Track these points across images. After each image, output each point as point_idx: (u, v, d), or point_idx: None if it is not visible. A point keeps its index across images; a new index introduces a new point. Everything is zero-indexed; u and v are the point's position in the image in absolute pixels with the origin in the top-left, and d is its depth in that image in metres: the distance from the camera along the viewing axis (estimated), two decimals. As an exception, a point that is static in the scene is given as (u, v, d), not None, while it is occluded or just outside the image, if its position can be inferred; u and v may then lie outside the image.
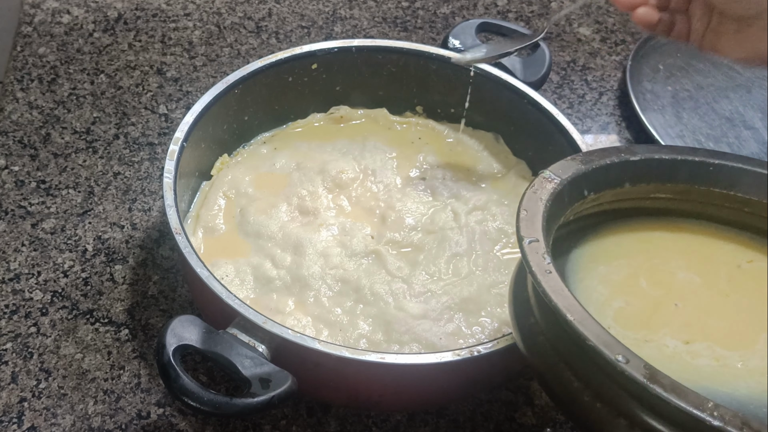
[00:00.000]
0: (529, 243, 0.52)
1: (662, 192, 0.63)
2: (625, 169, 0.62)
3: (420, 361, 0.60)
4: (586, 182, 0.60)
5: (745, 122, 1.00)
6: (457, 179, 0.82)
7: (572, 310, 0.48)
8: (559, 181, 0.58)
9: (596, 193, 0.61)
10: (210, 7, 1.08)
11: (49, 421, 0.68)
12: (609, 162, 0.61)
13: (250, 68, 0.79)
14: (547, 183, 0.58)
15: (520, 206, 0.55)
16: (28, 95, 0.94)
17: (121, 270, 0.79)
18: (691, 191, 0.63)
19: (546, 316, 0.53)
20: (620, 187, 0.62)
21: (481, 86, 0.84)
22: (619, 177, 0.62)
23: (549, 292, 0.49)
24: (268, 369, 0.57)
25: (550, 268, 0.51)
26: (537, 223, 0.54)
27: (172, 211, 0.66)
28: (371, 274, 0.72)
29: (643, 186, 0.62)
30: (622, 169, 0.62)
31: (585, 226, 0.63)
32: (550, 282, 0.50)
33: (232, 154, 0.83)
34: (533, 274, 0.50)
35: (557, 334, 0.52)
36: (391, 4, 1.12)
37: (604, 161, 0.61)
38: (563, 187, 0.58)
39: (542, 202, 0.56)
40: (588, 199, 0.61)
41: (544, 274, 0.50)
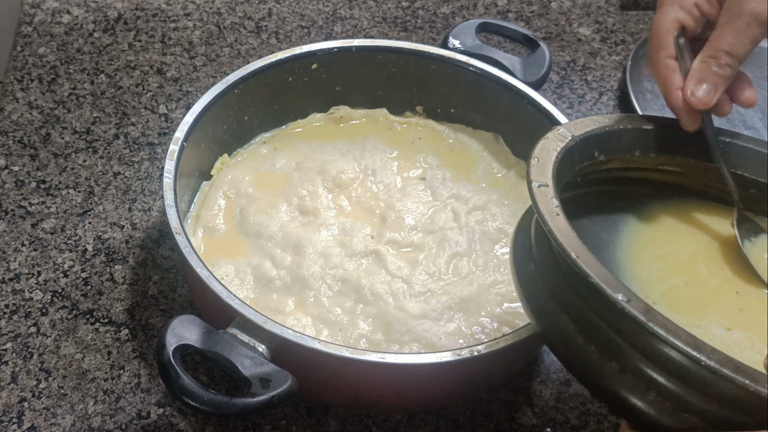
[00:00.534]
0: (538, 187, 0.53)
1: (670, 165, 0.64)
2: (637, 137, 0.62)
3: (420, 361, 0.60)
4: (598, 143, 0.61)
5: (745, 122, 1.00)
6: (457, 179, 0.82)
7: (576, 249, 0.48)
8: (572, 137, 0.59)
9: (606, 156, 0.62)
10: (210, 7, 1.08)
11: (49, 421, 0.68)
12: (622, 127, 0.62)
13: (250, 68, 0.79)
14: (560, 137, 0.58)
15: (532, 154, 0.56)
16: (28, 95, 0.94)
17: (121, 270, 0.79)
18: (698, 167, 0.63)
19: (546, 260, 0.53)
20: (630, 154, 0.63)
21: (481, 86, 0.84)
22: (630, 143, 0.62)
23: (555, 231, 0.49)
24: (268, 369, 0.57)
25: (557, 210, 0.51)
26: (548, 171, 0.54)
27: (172, 211, 0.66)
28: (371, 274, 0.72)
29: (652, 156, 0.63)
30: (635, 135, 0.62)
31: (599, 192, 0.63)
32: (556, 223, 0.50)
33: (232, 154, 0.83)
34: (540, 215, 0.51)
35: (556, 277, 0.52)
36: (391, 4, 1.12)
37: (618, 126, 0.61)
38: (575, 143, 0.59)
39: (554, 152, 0.56)
40: (597, 162, 0.61)
41: (551, 216, 0.50)
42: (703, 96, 0.60)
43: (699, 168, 0.64)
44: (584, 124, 0.60)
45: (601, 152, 0.61)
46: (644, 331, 0.44)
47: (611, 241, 0.60)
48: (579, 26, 1.13)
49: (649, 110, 1.00)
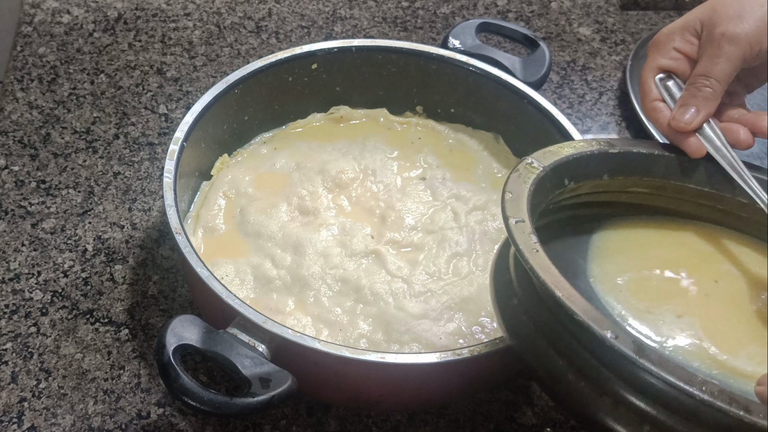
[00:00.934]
0: (515, 223, 0.53)
1: (639, 186, 0.64)
2: (605, 161, 0.63)
3: (420, 361, 0.60)
4: (567, 171, 0.61)
5: (745, 122, 1.00)
6: (457, 179, 0.82)
7: (560, 286, 0.48)
8: (542, 168, 0.59)
9: (576, 182, 0.62)
10: (210, 7, 1.08)
11: (49, 421, 0.68)
12: (589, 152, 0.62)
13: (250, 68, 0.79)
14: (530, 168, 0.59)
15: (505, 188, 0.56)
16: (28, 95, 0.94)
17: (121, 270, 0.79)
18: (666, 187, 0.64)
19: (529, 295, 0.53)
20: (599, 179, 0.63)
21: (481, 86, 0.84)
22: (598, 168, 0.63)
23: (536, 268, 0.49)
24: (268, 369, 0.57)
25: (536, 246, 0.51)
26: (522, 205, 0.55)
27: (172, 210, 0.66)
28: (371, 273, 0.72)
29: (620, 179, 0.64)
30: (602, 160, 0.62)
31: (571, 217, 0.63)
32: (537, 259, 0.50)
33: (232, 154, 0.83)
34: (520, 252, 0.51)
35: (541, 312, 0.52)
36: (391, 3, 1.12)
37: (585, 151, 0.62)
38: (546, 174, 0.59)
39: (526, 186, 0.57)
40: (568, 188, 0.62)
41: (531, 253, 0.50)
42: (686, 117, 0.63)
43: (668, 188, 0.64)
44: (552, 153, 0.61)
45: (570, 179, 0.62)
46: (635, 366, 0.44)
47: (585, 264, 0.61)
48: (579, 26, 1.13)
49: (649, 110, 1.00)
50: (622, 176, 0.63)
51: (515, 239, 0.52)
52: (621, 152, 0.63)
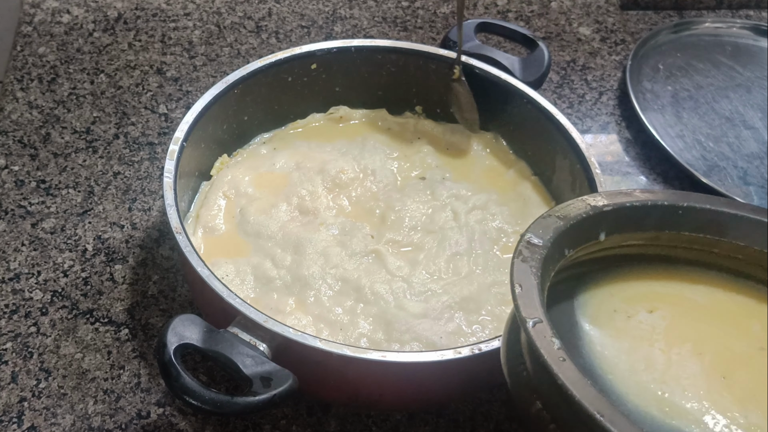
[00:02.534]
0: (533, 325, 0.49)
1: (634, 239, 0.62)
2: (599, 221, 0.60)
3: (421, 360, 0.60)
4: (565, 241, 0.58)
5: (745, 122, 1.00)
6: (456, 179, 0.82)
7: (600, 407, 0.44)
8: (543, 244, 0.55)
9: (574, 249, 0.59)
10: (210, 7, 1.08)
11: (49, 420, 0.68)
12: (584, 215, 0.59)
13: (250, 68, 0.79)
14: (533, 249, 0.55)
15: (513, 280, 0.52)
16: (28, 95, 0.94)
17: (121, 270, 0.79)
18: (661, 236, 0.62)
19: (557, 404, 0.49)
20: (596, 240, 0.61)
21: (480, 86, 0.84)
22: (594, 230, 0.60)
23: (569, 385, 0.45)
24: (270, 368, 0.57)
25: (562, 354, 0.47)
26: (535, 299, 0.51)
27: (172, 210, 0.66)
28: (371, 273, 0.72)
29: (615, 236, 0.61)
30: (596, 221, 0.60)
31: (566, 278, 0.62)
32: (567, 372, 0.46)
33: (232, 154, 0.83)
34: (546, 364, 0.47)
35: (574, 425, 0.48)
36: (391, 3, 1.12)
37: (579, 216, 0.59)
38: (547, 251, 0.55)
39: (533, 273, 0.53)
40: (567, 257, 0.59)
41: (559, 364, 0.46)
42: None
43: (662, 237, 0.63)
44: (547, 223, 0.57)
45: (569, 248, 0.59)
46: None
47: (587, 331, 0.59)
48: (579, 26, 1.13)
49: (648, 110, 1.00)
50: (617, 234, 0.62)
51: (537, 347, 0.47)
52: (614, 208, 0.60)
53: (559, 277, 0.59)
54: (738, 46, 1.12)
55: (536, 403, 0.50)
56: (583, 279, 0.61)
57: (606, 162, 0.95)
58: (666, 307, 0.59)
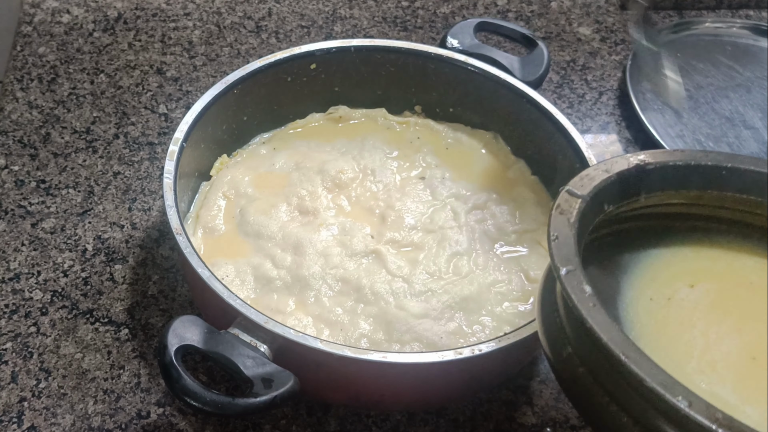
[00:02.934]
0: (566, 273, 0.50)
1: (676, 198, 0.62)
2: (641, 179, 0.60)
3: (422, 360, 0.60)
4: (605, 196, 0.58)
5: (745, 122, 1.00)
6: (456, 178, 0.82)
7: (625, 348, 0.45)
8: (582, 199, 0.56)
9: (615, 205, 0.60)
10: (210, 7, 1.08)
11: (49, 420, 0.68)
12: (626, 172, 0.59)
13: (249, 68, 0.79)
14: (572, 202, 0.56)
15: (550, 229, 0.53)
16: (28, 95, 0.94)
17: (121, 270, 0.79)
18: (703, 196, 0.62)
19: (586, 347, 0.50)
20: (636, 197, 0.61)
21: (480, 85, 0.84)
22: (635, 187, 0.60)
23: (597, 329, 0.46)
24: (270, 369, 0.57)
25: (593, 300, 0.48)
26: (570, 249, 0.52)
27: (172, 211, 0.66)
28: (371, 273, 0.72)
29: (657, 194, 0.62)
30: (638, 178, 0.60)
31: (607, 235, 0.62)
32: (595, 316, 0.47)
33: (232, 154, 0.83)
34: (576, 309, 0.48)
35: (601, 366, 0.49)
36: (391, 3, 1.12)
37: (621, 172, 0.59)
38: (587, 204, 0.56)
39: (570, 224, 0.54)
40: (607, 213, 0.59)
41: (588, 308, 0.47)
42: None
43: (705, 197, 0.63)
44: (589, 177, 0.58)
45: (610, 203, 0.59)
46: None
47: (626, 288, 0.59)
48: (579, 26, 1.13)
49: (648, 110, 1.00)
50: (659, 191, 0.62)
51: (569, 292, 0.49)
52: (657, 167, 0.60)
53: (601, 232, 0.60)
54: (738, 46, 1.12)
55: (567, 348, 0.52)
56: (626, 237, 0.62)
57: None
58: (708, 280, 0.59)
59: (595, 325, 0.47)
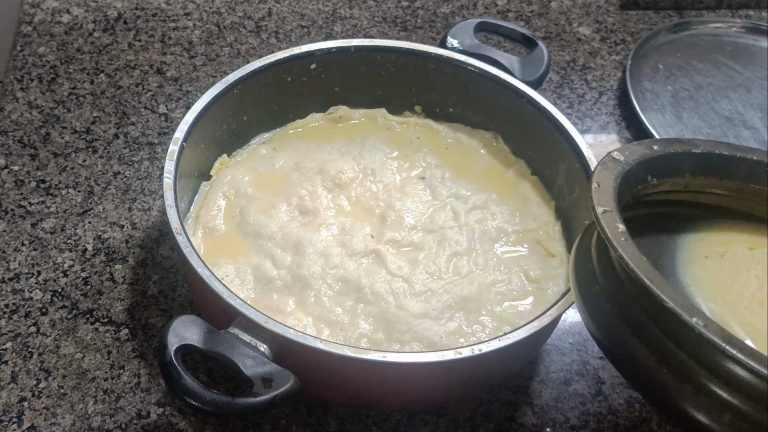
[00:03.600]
0: (603, 212, 0.54)
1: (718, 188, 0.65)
2: (687, 160, 0.63)
3: (422, 360, 0.60)
4: (651, 167, 0.62)
5: (745, 122, 1.00)
6: (456, 178, 0.82)
7: (649, 274, 0.49)
8: (626, 161, 0.60)
9: (659, 179, 0.63)
10: (210, 7, 1.08)
11: (48, 420, 0.68)
12: (672, 151, 0.63)
13: (249, 68, 0.79)
14: (616, 162, 0.59)
15: (592, 179, 0.57)
16: (28, 95, 0.94)
17: (120, 270, 0.79)
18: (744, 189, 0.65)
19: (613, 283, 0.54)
20: (681, 177, 0.64)
21: (480, 85, 0.84)
22: (680, 167, 0.63)
23: (625, 256, 0.50)
24: (270, 368, 0.57)
25: (625, 235, 0.52)
26: (609, 195, 0.56)
27: (172, 211, 0.66)
28: (371, 273, 0.72)
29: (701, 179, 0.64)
30: (684, 159, 0.63)
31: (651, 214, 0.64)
32: (626, 248, 0.51)
33: (231, 154, 0.83)
34: (609, 240, 0.52)
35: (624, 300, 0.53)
36: (391, 3, 1.12)
37: (668, 149, 0.63)
38: (630, 168, 0.60)
39: (613, 178, 0.58)
40: (650, 185, 0.63)
41: (620, 241, 0.51)
42: None
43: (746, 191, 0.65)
44: (634, 149, 0.62)
45: (653, 176, 0.63)
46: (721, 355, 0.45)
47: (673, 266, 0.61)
48: (579, 26, 1.13)
49: (648, 110, 1.00)
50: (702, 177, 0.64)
51: (603, 228, 0.53)
52: (704, 152, 0.64)
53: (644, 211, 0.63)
54: (738, 46, 1.12)
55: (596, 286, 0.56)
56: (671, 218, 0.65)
57: (606, 162, 0.95)
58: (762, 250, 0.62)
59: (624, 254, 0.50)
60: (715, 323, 0.46)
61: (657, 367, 0.50)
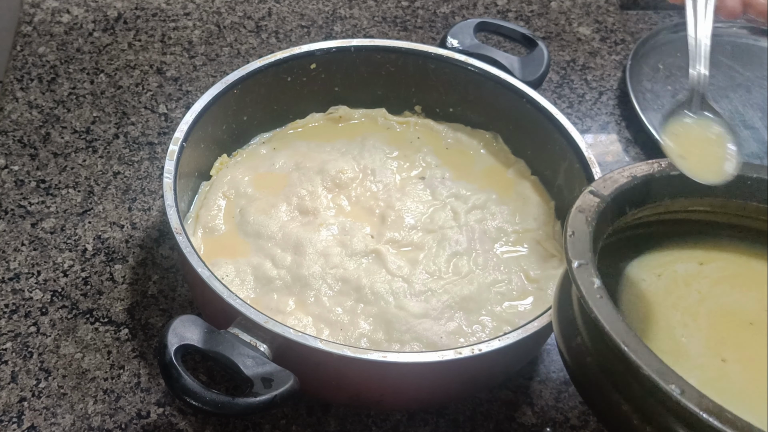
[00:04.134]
0: (578, 266, 0.52)
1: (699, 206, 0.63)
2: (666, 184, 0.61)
3: (422, 360, 0.60)
4: (628, 198, 0.60)
5: (745, 122, 1.00)
6: (456, 178, 0.82)
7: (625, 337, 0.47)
8: (601, 198, 0.57)
9: (637, 208, 0.61)
10: (210, 7, 1.08)
11: (48, 420, 0.68)
12: (650, 177, 0.60)
13: (249, 68, 0.79)
14: (591, 201, 0.57)
15: (567, 225, 0.55)
16: (28, 95, 0.94)
17: (120, 269, 0.79)
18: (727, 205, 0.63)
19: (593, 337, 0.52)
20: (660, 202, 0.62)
21: (479, 85, 0.84)
22: (659, 192, 0.61)
23: (601, 318, 0.48)
24: (270, 368, 0.57)
25: (600, 292, 0.50)
26: (585, 245, 0.53)
27: (172, 211, 0.66)
28: (371, 273, 0.72)
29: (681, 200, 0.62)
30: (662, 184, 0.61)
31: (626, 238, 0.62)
32: (601, 307, 0.49)
33: (231, 154, 0.83)
34: (584, 300, 0.50)
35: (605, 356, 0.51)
36: (391, 3, 1.12)
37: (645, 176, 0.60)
38: (607, 205, 0.57)
39: (588, 223, 0.55)
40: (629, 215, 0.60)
41: (595, 300, 0.50)
42: None
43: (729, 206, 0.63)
44: (613, 180, 0.59)
45: (631, 206, 0.60)
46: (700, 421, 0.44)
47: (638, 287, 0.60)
48: (579, 26, 1.13)
49: (649, 110, 1.00)
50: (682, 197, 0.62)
51: (578, 284, 0.51)
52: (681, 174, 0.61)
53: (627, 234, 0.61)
54: (738, 46, 1.12)
55: (577, 338, 0.54)
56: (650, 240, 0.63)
57: (606, 162, 0.96)
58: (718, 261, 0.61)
59: (600, 315, 0.49)
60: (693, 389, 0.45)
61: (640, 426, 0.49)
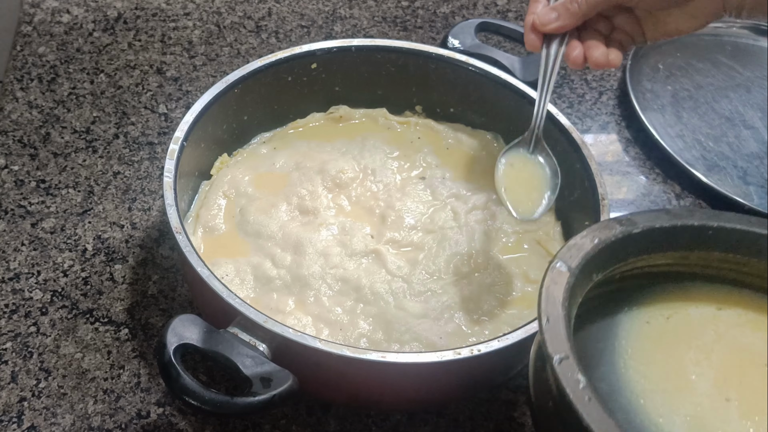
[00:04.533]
0: (559, 362, 0.49)
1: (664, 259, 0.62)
2: (629, 244, 0.60)
3: (421, 360, 0.60)
4: (593, 265, 0.58)
5: (744, 122, 1.00)
6: (456, 178, 0.82)
7: None
8: (571, 272, 0.55)
9: (603, 273, 0.59)
10: (210, 7, 1.08)
11: (48, 420, 0.68)
12: (613, 239, 0.58)
13: (250, 68, 0.79)
14: (560, 277, 0.55)
15: (540, 310, 0.52)
16: (28, 95, 0.94)
17: (120, 269, 0.79)
18: (689, 256, 0.62)
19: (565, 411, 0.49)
20: (624, 262, 0.61)
21: (480, 85, 0.84)
22: (623, 252, 0.60)
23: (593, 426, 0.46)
24: (269, 368, 0.57)
25: (588, 393, 0.47)
26: (562, 332, 0.51)
27: (172, 210, 0.66)
28: (371, 273, 0.72)
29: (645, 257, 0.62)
30: (625, 243, 0.59)
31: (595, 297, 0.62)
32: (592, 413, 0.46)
33: (232, 154, 0.83)
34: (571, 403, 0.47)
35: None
36: (391, 3, 1.12)
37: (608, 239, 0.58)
38: (575, 279, 0.55)
39: (560, 303, 0.53)
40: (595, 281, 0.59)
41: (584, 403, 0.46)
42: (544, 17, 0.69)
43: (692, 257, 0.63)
44: (577, 247, 0.57)
45: (598, 272, 0.59)
46: None
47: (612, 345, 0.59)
48: (578, 26, 1.13)
49: (648, 110, 1.00)
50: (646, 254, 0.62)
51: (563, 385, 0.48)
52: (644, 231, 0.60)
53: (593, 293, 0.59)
54: (738, 46, 1.12)
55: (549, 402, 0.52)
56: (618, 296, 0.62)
57: (606, 162, 0.96)
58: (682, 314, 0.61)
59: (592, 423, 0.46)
60: None
61: None
